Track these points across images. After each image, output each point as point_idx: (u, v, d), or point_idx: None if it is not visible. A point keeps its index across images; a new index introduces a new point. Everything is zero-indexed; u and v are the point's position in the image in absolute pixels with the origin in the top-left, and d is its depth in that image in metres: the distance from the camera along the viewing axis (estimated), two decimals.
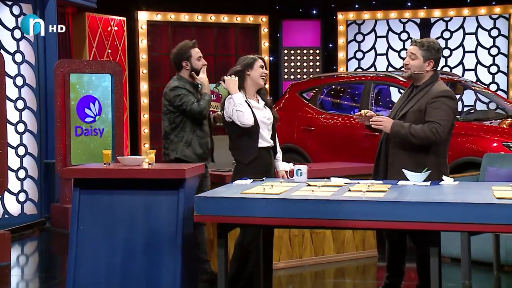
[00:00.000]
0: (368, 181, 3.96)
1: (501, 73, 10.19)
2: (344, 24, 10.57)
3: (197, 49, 5.04)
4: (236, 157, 4.40)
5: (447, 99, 4.11)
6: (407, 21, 10.48)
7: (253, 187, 3.84)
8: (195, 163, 4.57)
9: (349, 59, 10.67)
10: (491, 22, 10.19)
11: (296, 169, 4.17)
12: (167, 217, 4.11)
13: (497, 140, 6.39)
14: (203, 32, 10.16)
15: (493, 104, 8.22)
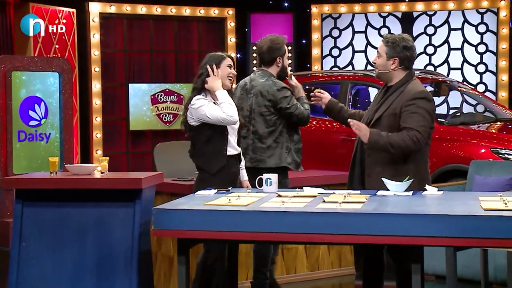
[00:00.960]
0: (344, 191, 3.99)
1: (489, 73, 10.35)
2: (319, 18, 10.64)
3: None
4: (202, 166, 4.39)
5: (423, 101, 4.14)
6: (388, 15, 10.59)
7: (218, 198, 3.84)
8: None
9: (324, 56, 10.74)
10: (478, 16, 10.35)
11: (265, 178, 4.18)
12: (121, 232, 4.08)
13: (485, 145, 6.49)
14: (162, 26, 10.13)
15: (481, 106, 8.34)
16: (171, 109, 9.93)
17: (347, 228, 3.37)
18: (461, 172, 6.29)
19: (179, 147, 5.18)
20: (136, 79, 9.97)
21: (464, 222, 3.27)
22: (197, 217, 3.51)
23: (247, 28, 10.72)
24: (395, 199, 3.81)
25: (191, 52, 10.33)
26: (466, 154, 6.47)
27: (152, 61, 10.08)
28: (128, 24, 9.88)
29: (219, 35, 10.50)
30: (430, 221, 3.31)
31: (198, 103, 4.36)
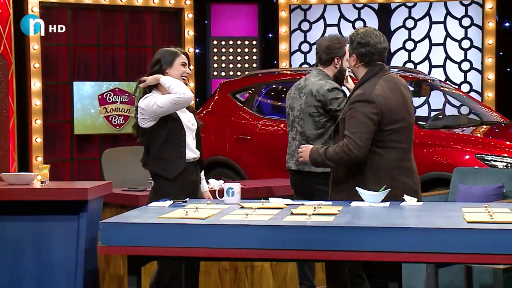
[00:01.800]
0: (314, 202, 4.01)
1: (475, 71, 10.50)
2: (287, 9, 10.69)
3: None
4: (158, 172, 4.38)
5: (360, 104, 4.22)
6: (363, 6, 10.68)
7: (173, 210, 3.83)
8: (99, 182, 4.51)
9: (293, 52, 10.78)
10: (462, 9, 10.49)
11: (226, 188, 4.18)
12: (64, 248, 4.05)
13: (469, 151, 6.57)
14: (111, 18, 10.08)
15: (465, 108, 8.45)
16: (122, 111, 9.88)
17: (317, 243, 3.39)
18: (444, 180, 6.36)
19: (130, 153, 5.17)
20: (81, 77, 9.90)
21: (445, 236, 3.31)
22: (150, 231, 3.50)
23: (206, 20, 10.72)
24: (370, 211, 3.85)
25: (143, 47, 10.29)
26: (449, 160, 6.55)
27: (100, 57, 10.01)
28: (72, 14, 9.81)
29: (175, 28, 10.49)
30: (408, 235, 3.34)
31: (146, 100, 4.40)
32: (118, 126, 9.87)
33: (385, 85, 4.29)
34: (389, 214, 3.77)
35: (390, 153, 4.26)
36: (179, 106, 4.36)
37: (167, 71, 4.48)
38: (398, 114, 4.27)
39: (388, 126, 4.24)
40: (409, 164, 4.34)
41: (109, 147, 7.96)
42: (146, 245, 3.50)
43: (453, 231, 3.32)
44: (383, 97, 4.24)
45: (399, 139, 4.28)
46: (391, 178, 4.24)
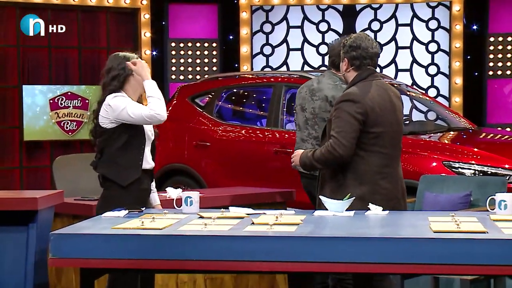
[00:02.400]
0: (276, 212, 4.02)
1: (442, 75, 10.62)
2: (248, 10, 10.72)
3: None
4: (110, 177, 4.35)
5: (345, 104, 4.37)
6: (327, 7, 10.75)
7: (129, 220, 3.82)
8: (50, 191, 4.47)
9: (254, 55, 10.81)
10: (429, 11, 10.62)
11: (185, 197, 4.18)
12: (12, 261, 4.01)
13: (436, 158, 6.63)
14: (63, 18, 10.02)
15: (432, 113, 8.54)
16: (74, 116, 9.82)
17: (279, 254, 3.40)
18: (410, 188, 6.38)
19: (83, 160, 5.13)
20: (31, 80, 9.82)
21: (411, 246, 3.34)
22: (104, 243, 3.48)
23: (164, 21, 10.70)
24: (334, 221, 3.87)
25: (97, 48, 10.24)
26: (415, 168, 6.60)
27: (51, 59, 9.94)
28: (21, 14, 9.73)
29: (131, 29, 10.46)
30: (373, 246, 3.36)
31: (117, 100, 4.35)
32: (70, 132, 9.80)
33: (374, 88, 4.42)
34: (353, 223, 3.80)
35: (372, 158, 4.36)
36: (149, 123, 4.35)
37: (134, 74, 4.44)
38: (383, 118, 4.38)
39: (372, 128, 4.35)
40: (392, 171, 4.43)
41: (61, 154, 7.90)
42: (99, 257, 3.48)
43: (419, 241, 3.35)
44: (369, 98, 4.36)
45: (382, 144, 4.38)
46: (373, 183, 4.34)
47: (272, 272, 3.52)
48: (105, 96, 4.43)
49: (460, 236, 3.35)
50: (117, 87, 4.43)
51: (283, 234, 3.48)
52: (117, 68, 4.45)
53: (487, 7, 10.49)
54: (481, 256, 3.26)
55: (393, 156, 4.45)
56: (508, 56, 10.48)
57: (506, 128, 10.23)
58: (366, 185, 4.31)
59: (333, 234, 3.51)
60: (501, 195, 4.07)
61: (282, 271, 3.55)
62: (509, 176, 6.23)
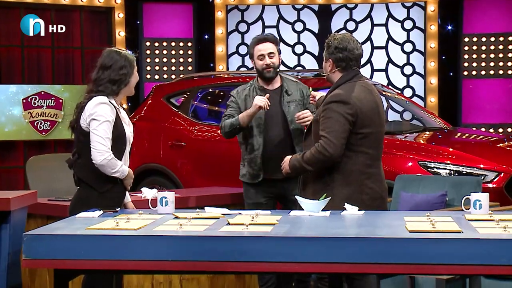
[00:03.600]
0: (252, 212, 4.03)
1: (417, 75, 10.68)
2: (224, 9, 10.71)
3: (261, 46, 5.48)
4: (88, 181, 4.33)
5: (336, 105, 4.40)
6: (302, 7, 10.77)
7: (103, 221, 3.81)
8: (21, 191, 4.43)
9: (230, 54, 10.81)
10: (404, 11, 10.68)
11: (160, 197, 4.17)
12: None
13: (412, 158, 6.66)
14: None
15: (407, 113, 8.59)
16: (48, 116, 9.76)
17: (255, 254, 3.40)
18: None
19: (57, 161, 5.11)
20: (4, 79, 9.75)
21: (387, 246, 3.35)
22: (78, 243, 3.47)
23: (138, 20, 10.67)
24: (310, 221, 3.88)
25: (71, 48, 10.18)
26: (391, 167, 6.62)
27: (24, 58, 9.88)
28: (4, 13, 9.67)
29: (105, 28, 10.42)
30: (349, 246, 3.37)
31: (105, 110, 4.30)
32: (44, 132, 9.74)
33: (361, 89, 4.48)
34: (329, 223, 3.81)
35: (359, 158, 4.42)
36: (100, 167, 4.29)
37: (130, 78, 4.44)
38: (370, 119, 4.45)
39: (360, 129, 4.41)
40: (376, 171, 4.50)
41: (34, 154, 7.86)
42: (73, 258, 3.47)
43: (395, 241, 3.37)
44: (359, 99, 4.41)
45: (368, 145, 4.44)
46: (359, 183, 4.40)
47: (248, 272, 3.52)
48: (95, 94, 4.36)
49: (436, 236, 3.37)
50: (113, 92, 4.38)
51: (259, 234, 3.48)
52: (118, 71, 4.39)
53: (461, 8, 10.56)
54: (457, 255, 3.29)
55: (377, 156, 4.53)
56: (483, 56, 10.56)
57: (481, 128, 10.31)
58: (353, 185, 4.37)
59: (309, 234, 3.52)
60: (476, 195, 4.10)
61: (258, 271, 3.55)
62: (484, 176, 6.27)
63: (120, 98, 4.48)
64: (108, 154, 4.25)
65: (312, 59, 10.68)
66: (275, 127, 5.43)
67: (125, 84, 4.42)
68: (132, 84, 4.46)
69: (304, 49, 10.80)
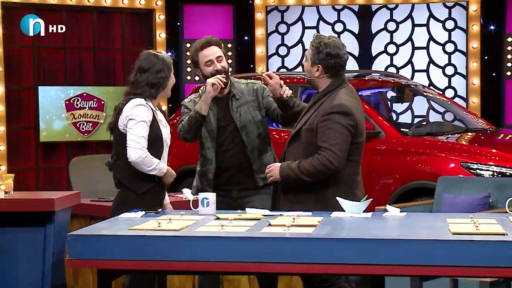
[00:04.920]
0: (294, 213, 4.03)
1: (459, 76, 10.59)
2: (263, 10, 10.72)
3: (207, 51, 4.92)
4: (126, 183, 4.37)
5: (338, 116, 4.27)
6: (343, 8, 10.74)
7: (145, 221, 3.83)
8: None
9: (270, 55, 10.82)
10: (446, 11, 10.59)
11: (201, 198, 4.19)
12: (29, 262, 4.03)
13: (454, 160, 6.61)
14: (78, 19, 10.06)
15: (449, 114, 8.52)
16: (90, 117, 9.85)
17: (296, 255, 3.40)
18: (428, 190, 6.40)
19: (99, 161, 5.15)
20: (47, 81, 9.86)
21: (430, 248, 3.33)
22: (121, 244, 3.49)
23: (179, 22, 10.73)
24: (351, 222, 3.87)
25: (112, 50, 10.27)
26: (433, 169, 6.59)
27: (67, 60, 9.98)
28: (37, 15, 9.76)
29: (146, 30, 10.48)
30: (391, 247, 3.36)
31: (136, 111, 4.34)
32: (86, 133, 9.83)
33: (351, 97, 4.37)
34: (371, 225, 3.79)
35: (349, 167, 4.34)
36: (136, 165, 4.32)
37: (168, 81, 4.48)
38: (363, 128, 4.39)
39: (357, 139, 4.33)
40: (360, 178, 4.44)
41: (77, 155, 7.94)
42: (116, 258, 3.49)
43: (438, 242, 3.35)
44: (355, 109, 4.32)
45: (358, 153, 4.38)
46: (351, 193, 4.30)
47: (289, 273, 3.51)
48: (133, 96, 4.41)
49: (479, 238, 3.35)
50: (151, 96, 4.42)
51: (300, 235, 3.48)
52: (156, 74, 4.43)
53: (504, 7, 10.45)
54: (501, 258, 3.26)
55: (360, 163, 4.44)
56: None
57: None
58: (347, 195, 4.22)
59: (350, 235, 3.51)
60: None
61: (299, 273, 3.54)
62: None
63: (157, 101, 4.52)
64: (143, 152, 4.28)
65: (352, 60, 10.64)
66: (228, 137, 4.89)
67: (163, 88, 4.45)
68: (169, 87, 4.50)
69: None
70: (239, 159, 4.86)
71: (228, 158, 4.87)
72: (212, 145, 4.87)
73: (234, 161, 4.86)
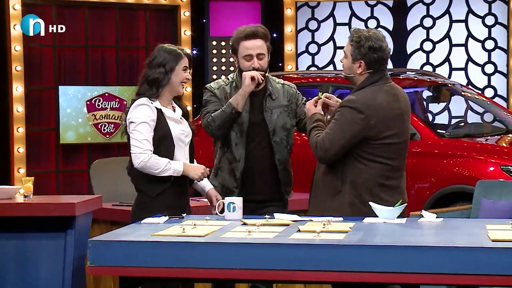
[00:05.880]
0: (323, 218, 4.02)
1: (499, 74, 10.51)
2: (293, 6, 10.72)
3: (249, 43, 4.71)
4: (140, 187, 4.37)
5: (348, 110, 4.25)
6: (376, 3, 10.70)
7: (169, 227, 3.85)
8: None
9: (299, 53, 10.81)
10: (486, 6, 10.52)
11: (227, 203, 4.19)
12: (50, 268, 4.06)
13: (494, 162, 6.58)
14: (100, 16, 10.11)
15: (489, 115, 8.46)
16: (112, 118, 9.90)
17: (327, 263, 3.40)
18: (466, 194, 6.37)
19: (121, 164, 5.15)
20: (68, 81, 9.92)
21: (468, 255, 3.32)
22: (144, 250, 3.51)
23: (205, 19, 10.75)
24: (385, 228, 3.86)
25: (136, 48, 10.31)
26: (472, 172, 6.56)
27: (88, 59, 10.04)
28: (57, 12, 9.84)
29: (171, 27, 10.51)
30: (427, 255, 3.35)
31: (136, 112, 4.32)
32: (108, 135, 9.88)
33: (385, 95, 4.32)
34: (405, 231, 3.78)
35: (373, 168, 4.29)
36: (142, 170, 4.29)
37: (169, 77, 4.36)
38: (392, 129, 4.30)
39: (378, 139, 4.27)
40: (396, 183, 4.36)
41: (98, 157, 7.97)
42: (139, 265, 3.51)
43: (476, 250, 3.33)
44: (380, 107, 4.27)
45: (388, 155, 4.30)
46: (371, 194, 4.27)
47: (319, 282, 3.51)
48: (137, 97, 4.39)
49: None
50: (152, 95, 4.35)
51: (331, 242, 3.48)
52: (155, 69, 4.35)
53: None
54: None
55: (398, 167, 4.37)
56: None
57: None
58: (364, 196, 4.23)
59: (384, 242, 3.50)
60: None
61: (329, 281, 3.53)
62: None
63: (167, 98, 4.42)
64: (145, 156, 4.25)
65: None
66: (257, 137, 4.74)
67: (165, 84, 4.34)
68: (174, 83, 4.37)
69: None
70: (264, 166, 4.74)
71: (253, 162, 4.73)
72: (241, 142, 4.71)
73: (260, 168, 4.74)
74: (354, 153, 4.30)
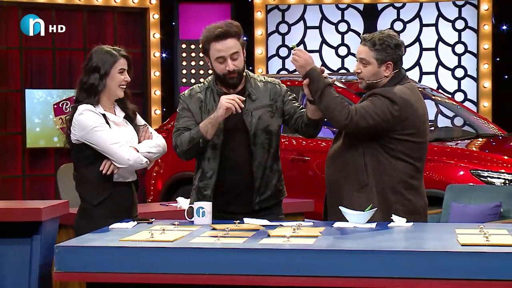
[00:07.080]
0: (293, 223, 4.03)
1: (469, 78, 10.60)
2: (263, 9, 10.74)
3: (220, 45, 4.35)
4: (82, 194, 4.31)
5: (382, 98, 4.22)
6: (347, 7, 10.76)
7: (137, 232, 3.84)
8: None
9: (270, 57, 10.83)
10: (456, 10, 10.61)
11: (196, 207, 4.18)
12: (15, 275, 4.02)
13: (464, 167, 6.62)
14: (68, 18, 10.07)
15: (459, 119, 8.53)
16: None
17: (296, 268, 3.40)
18: (436, 199, 6.40)
19: None
20: (34, 84, 9.87)
21: (437, 260, 3.33)
22: (111, 256, 3.49)
23: (174, 22, 10.74)
24: (355, 233, 3.87)
25: None
26: (442, 177, 6.59)
27: (55, 62, 9.99)
28: (23, 14, 9.79)
29: (140, 29, 10.50)
30: (397, 260, 3.36)
31: (88, 119, 4.20)
32: None
33: (412, 93, 4.32)
34: (375, 236, 3.79)
35: (398, 165, 4.30)
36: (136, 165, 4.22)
37: (105, 81, 4.22)
38: (418, 127, 4.31)
39: (403, 135, 4.26)
40: (418, 184, 4.38)
41: (65, 162, 7.92)
42: (107, 271, 3.49)
43: (446, 254, 3.35)
44: (409, 104, 4.25)
45: (411, 154, 4.31)
46: (396, 191, 4.29)
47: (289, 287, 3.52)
48: (76, 104, 4.27)
49: (490, 250, 3.34)
50: (90, 103, 4.22)
51: (301, 247, 3.48)
52: (89, 75, 4.23)
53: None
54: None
55: (420, 169, 4.39)
56: None
57: None
58: (387, 192, 4.27)
59: (354, 247, 3.51)
60: None
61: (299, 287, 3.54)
62: None
63: (108, 104, 4.28)
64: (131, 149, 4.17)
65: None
66: (235, 144, 4.33)
67: (101, 90, 4.20)
68: (111, 87, 4.21)
69: (348, 51, 10.78)
70: (243, 175, 4.34)
71: (230, 174, 4.35)
72: (213, 156, 4.35)
73: (238, 178, 4.35)
74: (377, 146, 4.28)
